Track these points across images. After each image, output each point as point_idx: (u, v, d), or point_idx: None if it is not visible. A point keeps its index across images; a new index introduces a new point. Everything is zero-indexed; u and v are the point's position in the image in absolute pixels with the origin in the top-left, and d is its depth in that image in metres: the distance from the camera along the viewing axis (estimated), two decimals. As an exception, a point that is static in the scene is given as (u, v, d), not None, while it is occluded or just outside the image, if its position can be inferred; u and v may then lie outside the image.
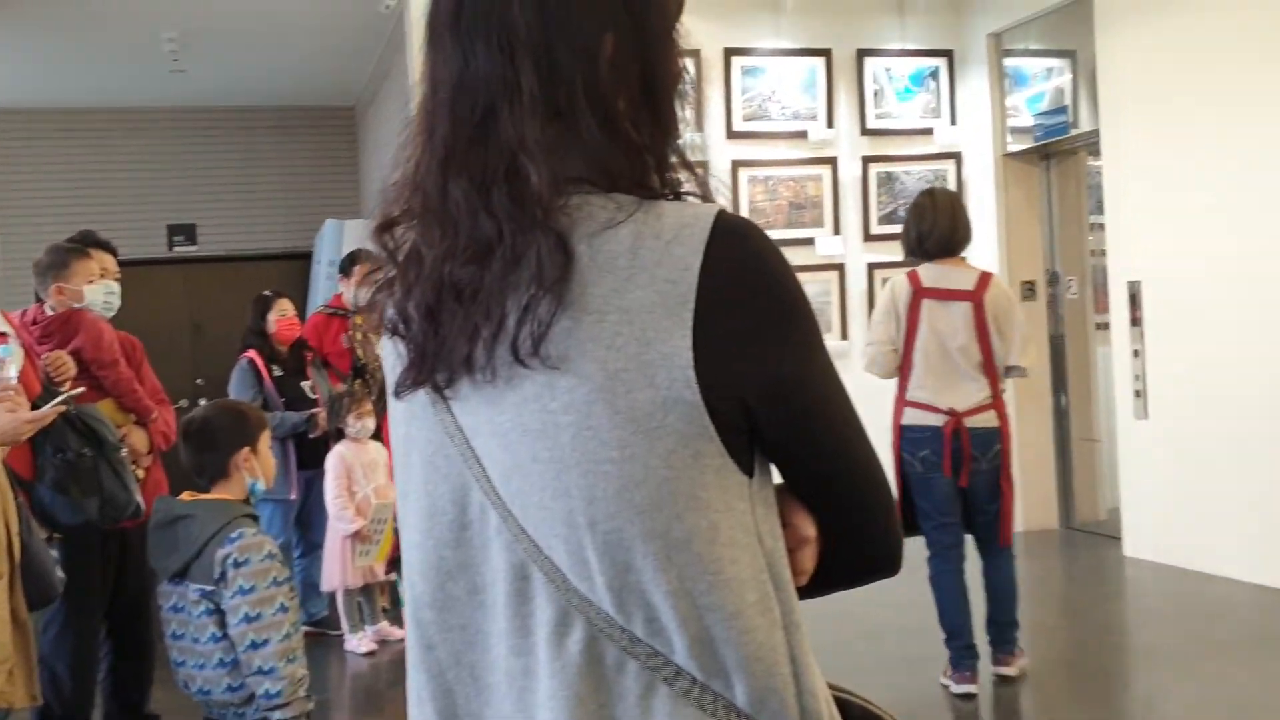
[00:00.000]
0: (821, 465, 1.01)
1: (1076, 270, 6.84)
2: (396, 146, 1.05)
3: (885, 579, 1.08)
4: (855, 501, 1.03)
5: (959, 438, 3.92)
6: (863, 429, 1.02)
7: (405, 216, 1.02)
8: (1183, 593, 5.30)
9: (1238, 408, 5.29)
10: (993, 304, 3.98)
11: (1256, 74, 5.10)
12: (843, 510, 1.03)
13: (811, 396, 0.99)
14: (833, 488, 1.02)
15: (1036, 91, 6.84)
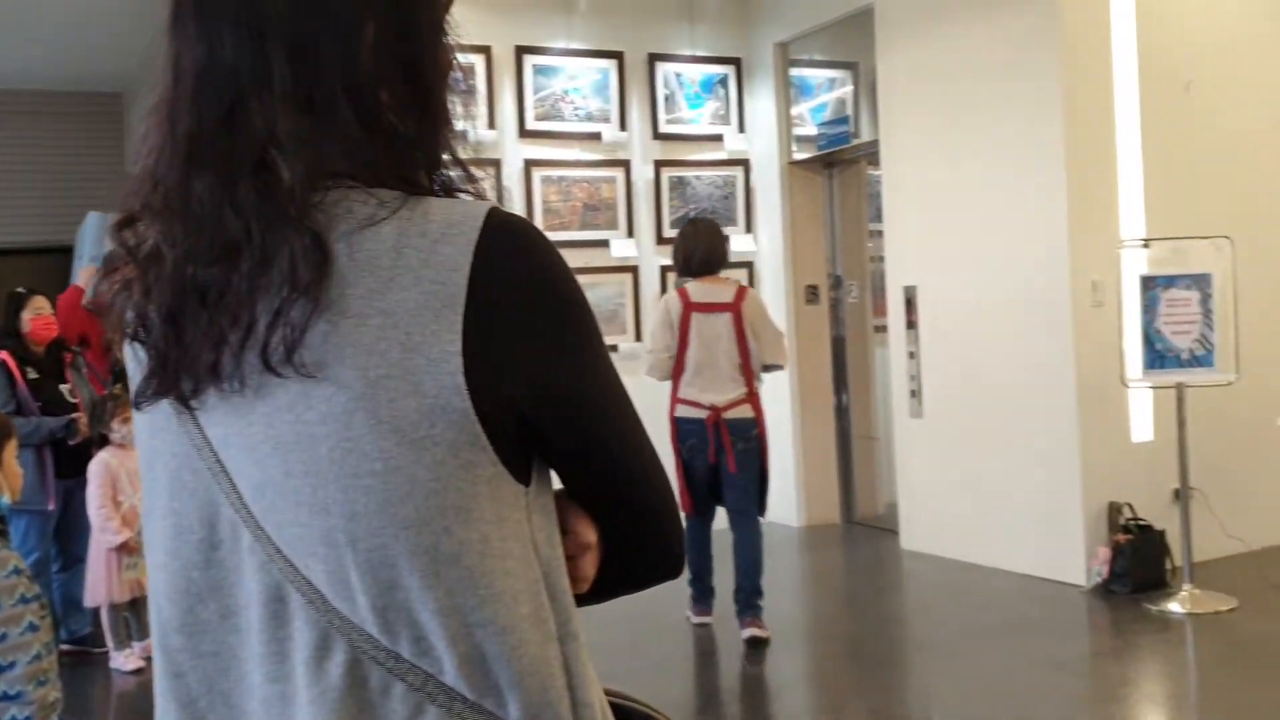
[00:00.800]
0: (602, 470, 0.98)
1: (857, 275, 7.10)
2: (138, 138, 0.96)
3: (669, 581, 1.07)
4: (638, 506, 1.01)
5: (719, 428, 4.62)
6: (644, 432, 1.00)
7: (145, 213, 0.94)
8: (955, 583, 5.57)
9: (1002, 406, 5.61)
10: (749, 313, 4.69)
11: (1020, 87, 5.41)
12: (625, 515, 1.00)
13: (591, 400, 0.96)
14: (614, 493, 0.99)
15: (820, 102, 7.06)
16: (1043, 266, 5.34)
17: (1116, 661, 4.32)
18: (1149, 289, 4.95)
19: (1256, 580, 5.08)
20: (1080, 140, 5.24)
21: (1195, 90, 5.54)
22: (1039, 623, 4.80)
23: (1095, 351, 5.22)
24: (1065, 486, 5.30)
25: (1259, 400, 5.44)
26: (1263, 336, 5.47)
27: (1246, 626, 4.55)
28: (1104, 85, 5.33)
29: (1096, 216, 5.29)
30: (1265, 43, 5.78)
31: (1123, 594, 5.02)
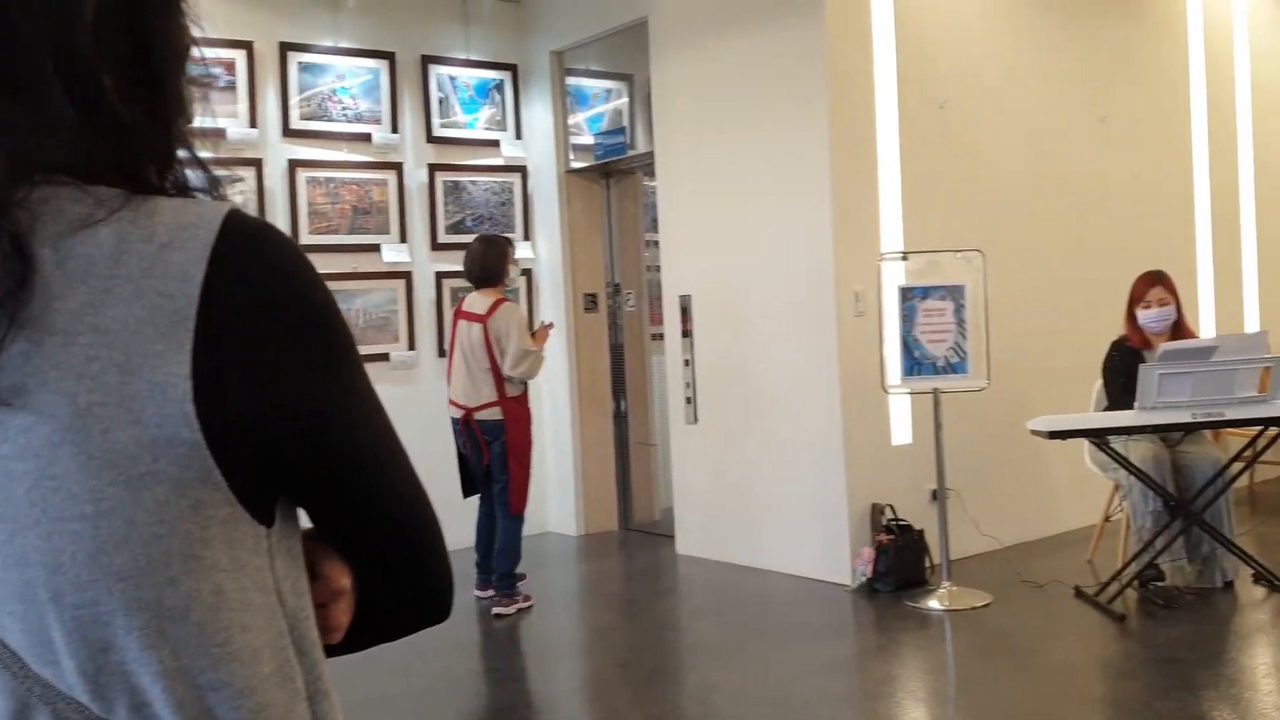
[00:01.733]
0: (359, 508, 0.87)
1: (635, 284, 7.15)
2: None
3: (436, 625, 0.98)
4: (400, 546, 0.90)
5: (470, 427, 5.27)
6: (406, 460, 0.90)
7: None
8: (729, 586, 5.66)
9: (772, 412, 5.75)
10: (494, 325, 5.21)
11: (790, 103, 5.56)
12: (386, 557, 0.90)
13: (345, 429, 0.85)
14: (373, 532, 0.89)
15: (597, 112, 7.07)
16: (809, 277, 5.50)
17: (882, 659, 4.47)
18: (907, 299, 5.16)
19: (1008, 576, 5.37)
20: (844, 156, 5.43)
21: (950, 110, 5.83)
22: (809, 623, 4.93)
23: (858, 359, 5.41)
24: (831, 489, 5.47)
25: (1009, 405, 5.77)
26: (1012, 344, 5.80)
27: (999, 621, 4.80)
28: (866, 104, 5.54)
29: (859, 230, 5.49)
30: (1015, 66, 6.14)
31: (886, 592, 5.22)
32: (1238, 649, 4.32)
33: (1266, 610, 4.74)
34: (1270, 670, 4.05)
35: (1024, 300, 6.03)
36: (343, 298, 6.33)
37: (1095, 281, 6.27)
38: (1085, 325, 6.03)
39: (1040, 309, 6.15)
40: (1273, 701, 3.70)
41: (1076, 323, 6.19)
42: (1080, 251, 6.39)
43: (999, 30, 6.10)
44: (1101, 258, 6.40)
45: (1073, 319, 6.22)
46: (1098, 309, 5.95)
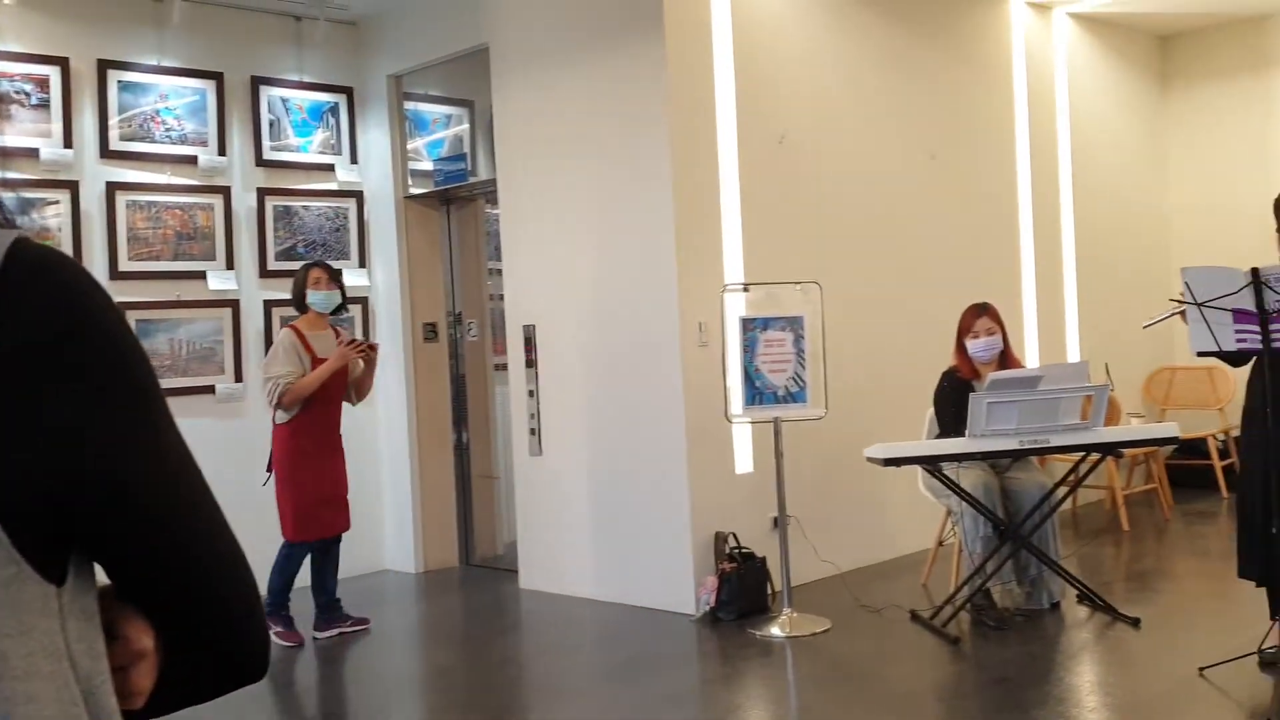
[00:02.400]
0: (161, 564, 0.79)
1: (477, 313, 7.03)
2: None
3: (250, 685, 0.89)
4: (204, 606, 0.82)
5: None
6: (212, 507, 0.81)
7: None
8: (574, 620, 5.59)
9: (617, 443, 5.72)
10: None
11: (632, 133, 5.57)
12: (192, 614, 0.81)
13: (144, 481, 0.76)
14: (177, 590, 0.80)
15: (437, 138, 6.96)
16: (654, 307, 5.50)
17: (725, 689, 4.46)
18: (748, 330, 5.21)
19: (847, 601, 5.45)
20: (687, 186, 5.46)
21: (789, 145, 5.94)
22: (653, 655, 4.89)
23: (702, 389, 5.43)
24: (676, 519, 5.46)
25: (846, 433, 5.87)
26: (849, 374, 5.93)
27: (839, 646, 4.85)
28: (708, 135, 5.59)
29: (702, 261, 5.52)
30: (850, 104, 6.30)
31: (729, 621, 5.22)
32: (1065, 668, 4.46)
33: (1090, 629, 4.93)
34: (1094, 687, 4.20)
35: (860, 331, 6.17)
36: (165, 327, 6.04)
37: (927, 313, 6.47)
38: (918, 355, 6.21)
39: (875, 340, 6.30)
40: (1097, 718, 3.83)
41: (909, 353, 6.36)
42: (912, 284, 6.58)
43: (834, 68, 6.26)
44: (932, 290, 6.61)
45: (906, 349, 6.40)
46: (929, 340, 6.13)
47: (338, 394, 5.41)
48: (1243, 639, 4.29)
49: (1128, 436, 5.29)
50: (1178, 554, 6.38)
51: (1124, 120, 8.41)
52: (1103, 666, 4.46)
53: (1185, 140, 8.68)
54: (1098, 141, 8.10)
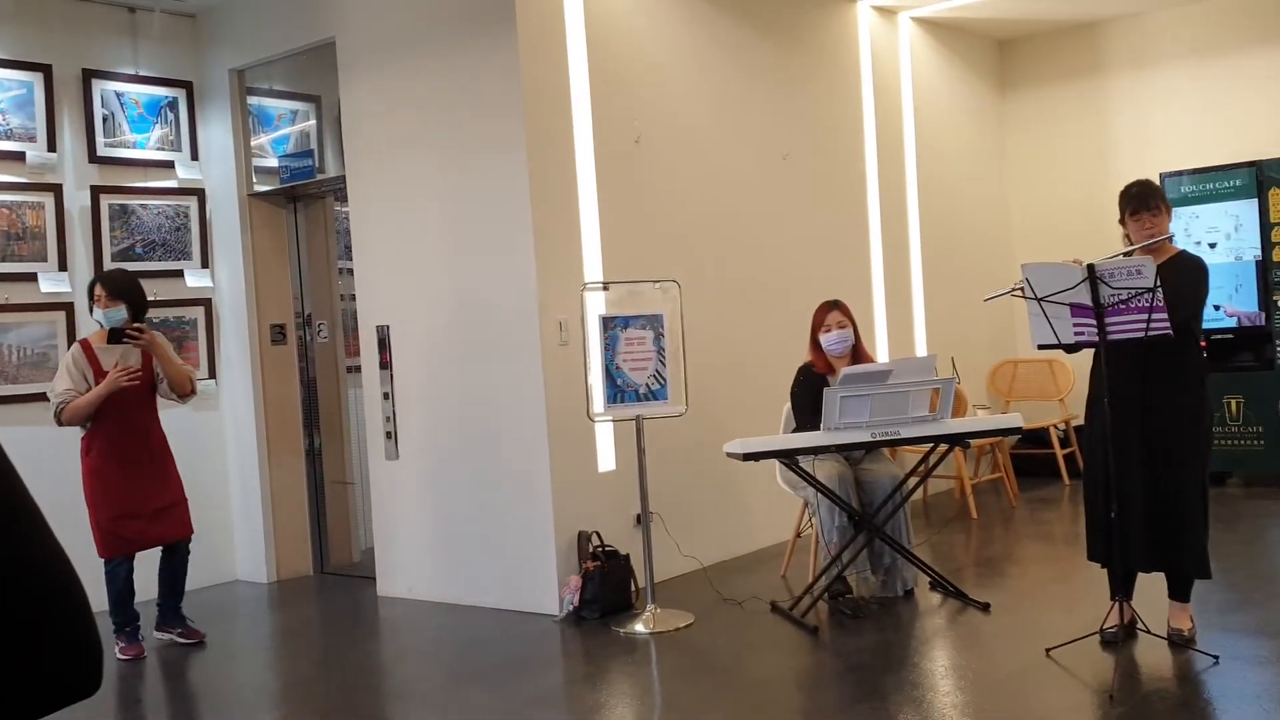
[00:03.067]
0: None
1: (327, 314, 6.85)
2: None
3: (82, 700, 0.82)
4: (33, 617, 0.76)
5: None
6: (35, 519, 0.74)
7: None
8: (435, 626, 5.48)
9: (477, 444, 5.64)
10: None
11: (487, 130, 5.49)
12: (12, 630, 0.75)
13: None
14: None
15: (283, 133, 6.75)
16: (513, 306, 5.44)
17: (590, 688, 4.44)
18: (609, 328, 5.20)
19: (709, 595, 5.49)
20: (544, 185, 5.42)
21: (645, 144, 5.95)
22: (516, 658, 4.83)
23: (563, 388, 5.39)
24: (538, 519, 5.42)
25: (707, 429, 5.92)
26: (708, 371, 5.98)
27: (702, 640, 4.88)
28: (564, 133, 5.56)
29: (561, 259, 5.49)
30: (704, 104, 6.35)
31: (593, 620, 5.20)
32: (919, 653, 4.58)
33: (943, 615, 5.07)
34: (948, 671, 4.32)
35: (718, 329, 6.23)
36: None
37: (782, 310, 6.57)
38: (774, 352, 6.30)
39: (733, 337, 6.37)
40: (950, 701, 3.94)
41: (766, 349, 6.45)
42: (768, 282, 6.67)
43: (688, 69, 6.30)
44: (787, 288, 6.71)
45: (763, 346, 6.49)
46: (785, 336, 6.23)
47: (136, 404, 5.17)
48: (1086, 619, 4.47)
49: (974, 427, 5.46)
50: (1024, 540, 6.62)
51: (966, 122, 8.70)
52: (955, 650, 4.59)
53: (1024, 141, 9.03)
54: (942, 142, 8.36)
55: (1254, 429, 7.48)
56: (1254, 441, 7.49)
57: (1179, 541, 4.21)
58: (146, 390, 5.22)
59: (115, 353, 5.16)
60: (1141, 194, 4.28)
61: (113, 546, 5.13)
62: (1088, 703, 3.84)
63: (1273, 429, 7.42)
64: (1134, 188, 4.33)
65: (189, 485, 5.46)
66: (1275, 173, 7.35)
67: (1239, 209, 7.45)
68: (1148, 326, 4.00)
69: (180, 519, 5.31)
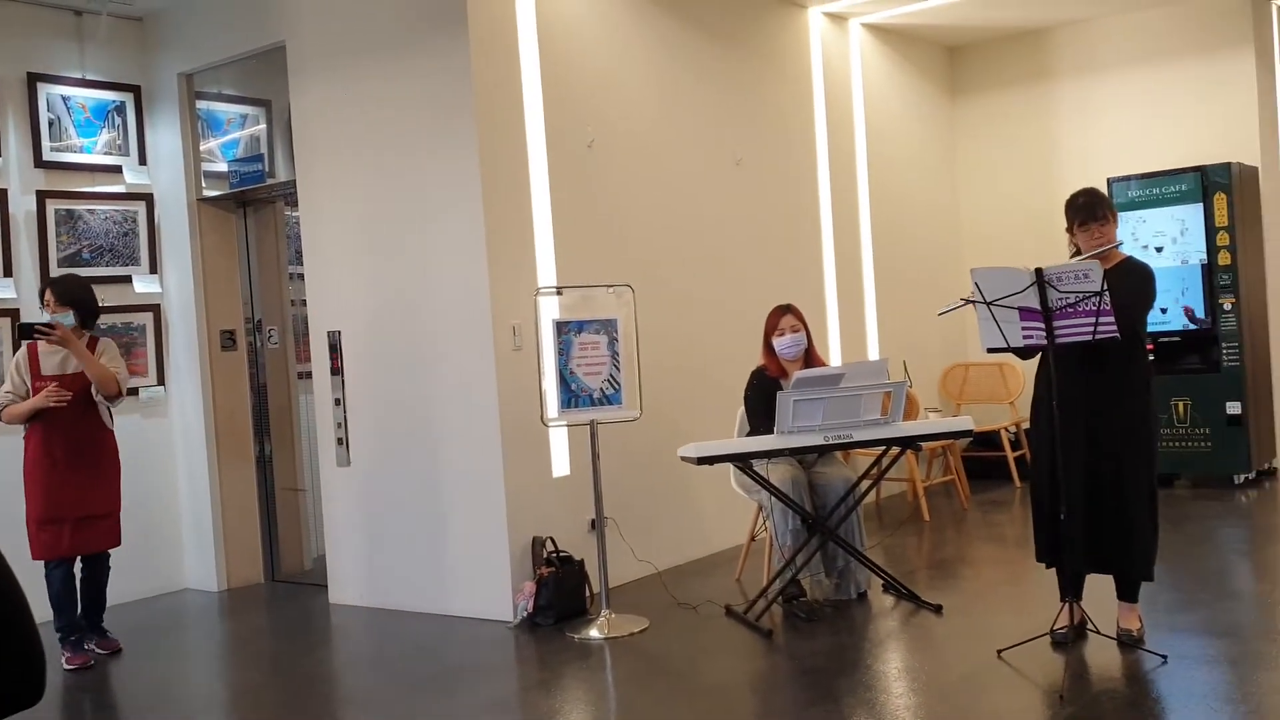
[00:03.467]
0: None
1: (278, 319, 6.78)
2: None
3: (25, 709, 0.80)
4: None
5: None
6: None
7: None
8: (387, 634, 5.44)
9: (430, 450, 5.60)
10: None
11: (439, 136, 5.46)
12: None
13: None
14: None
15: (232, 138, 6.68)
16: (466, 311, 5.42)
17: (544, 694, 4.42)
18: (563, 333, 5.18)
19: (664, 600, 5.48)
20: (497, 189, 5.40)
21: (598, 149, 5.95)
22: (470, 665, 4.80)
23: (517, 393, 5.37)
24: (492, 525, 5.39)
25: (661, 433, 5.92)
26: (662, 376, 5.98)
27: (657, 645, 4.88)
28: (517, 138, 5.54)
29: (514, 264, 5.47)
30: (657, 109, 6.36)
31: (547, 626, 5.19)
32: (872, 655, 4.60)
33: (896, 617, 5.10)
34: (901, 673, 4.34)
35: (672, 333, 6.23)
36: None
37: (736, 314, 6.59)
38: (728, 356, 6.32)
39: (687, 341, 6.38)
40: (903, 703, 3.96)
41: (720, 353, 6.47)
42: (722, 286, 6.69)
43: (641, 74, 6.30)
44: (741, 292, 6.74)
45: (716, 350, 6.50)
46: (739, 340, 6.24)
47: (74, 410, 5.10)
48: (1037, 621, 4.51)
49: (925, 430, 5.50)
50: (976, 542, 6.68)
51: (917, 127, 8.78)
52: (908, 652, 4.62)
53: (974, 147, 9.13)
54: (893, 147, 8.43)
55: (1201, 430, 7.60)
56: (1201, 443, 7.61)
57: (1126, 544, 4.27)
58: (86, 396, 5.14)
59: (58, 356, 5.09)
60: (1089, 204, 4.33)
61: (37, 549, 5.08)
62: (1038, 703, 3.87)
63: (1219, 431, 7.54)
64: (1081, 198, 4.38)
65: (138, 493, 5.41)
66: (1220, 178, 7.48)
67: (1185, 213, 7.57)
68: (1095, 330, 4.04)
69: (105, 531, 5.22)
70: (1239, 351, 7.48)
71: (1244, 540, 6.31)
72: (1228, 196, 7.45)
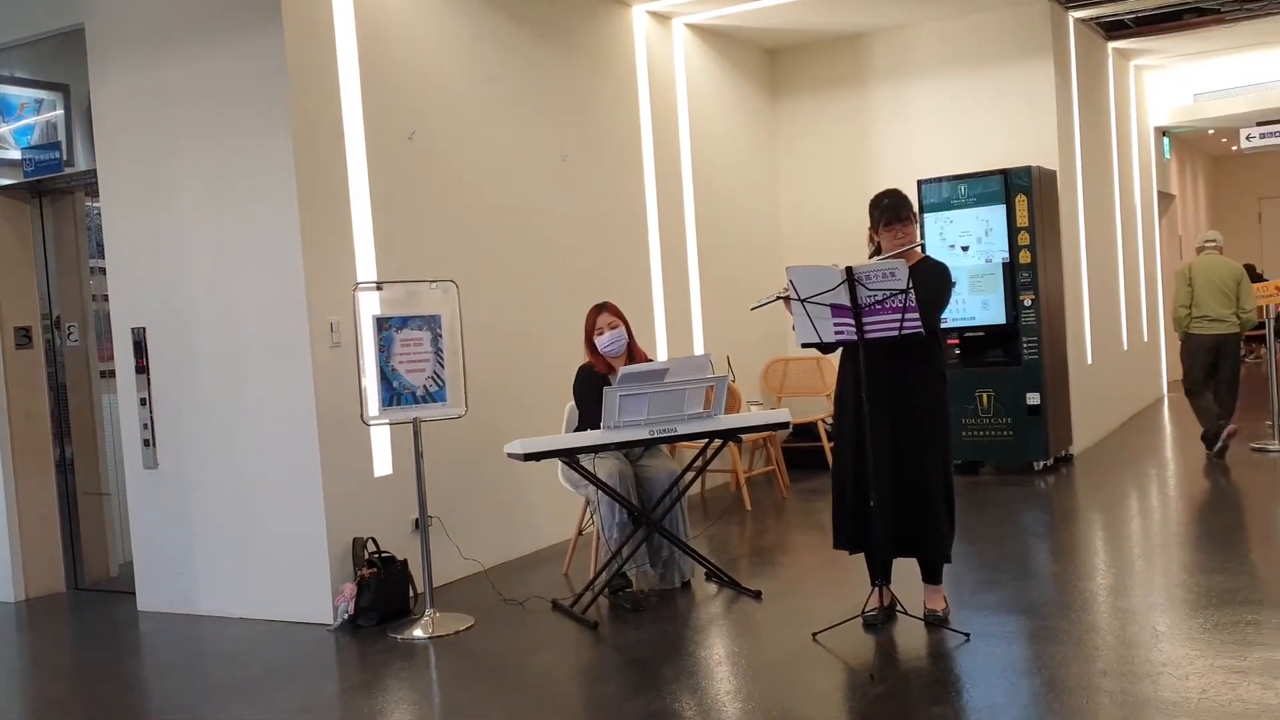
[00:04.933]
0: None
1: (78, 316, 6.44)
2: None
3: None
4: None
5: None
6: None
7: None
8: (201, 640, 5.25)
9: (244, 451, 5.42)
10: None
11: (251, 126, 5.29)
12: None
13: None
14: None
15: (26, 124, 6.31)
16: (281, 307, 5.26)
17: (366, 696, 4.33)
18: (384, 329, 5.09)
19: (491, 597, 5.45)
20: (313, 181, 5.26)
21: (420, 141, 5.86)
22: (288, 669, 4.67)
23: (336, 391, 5.25)
24: (311, 527, 5.25)
25: (488, 430, 5.88)
26: (488, 372, 5.94)
27: (483, 642, 4.84)
28: (334, 129, 5.41)
29: (332, 258, 5.34)
30: (481, 103, 6.30)
31: (370, 627, 5.09)
32: (695, 642, 4.68)
33: (718, 604, 5.20)
34: (723, 659, 4.43)
35: (498, 329, 6.20)
36: None
37: (564, 311, 6.60)
38: (556, 351, 6.33)
39: (514, 337, 6.35)
40: (724, 687, 4.05)
41: (548, 349, 6.47)
42: (549, 282, 6.69)
43: (465, 66, 6.24)
44: (569, 287, 6.75)
45: (544, 346, 6.50)
46: (567, 336, 6.25)
47: None
48: (850, 604, 4.67)
49: (746, 423, 5.63)
50: (795, 529, 6.87)
51: (740, 128, 8.96)
52: (729, 638, 4.72)
53: (794, 148, 9.38)
54: (716, 146, 8.58)
55: (1004, 420, 8.00)
56: (1004, 433, 8.01)
57: (927, 529, 4.46)
58: None
59: None
60: (894, 206, 4.51)
61: None
62: (850, 683, 4.01)
63: (1020, 420, 7.95)
64: (886, 199, 4.55)
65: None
66: (1021, 180, 7.88)
67: (989, 214, 7.96)
68: (901, 325, 4.21)
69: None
70: (1038, 345, 7.91)
71: (1043, 523, 6.68)
72: (1028, 198, 7.86)
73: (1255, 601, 4.56)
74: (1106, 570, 5.40)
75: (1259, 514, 6.60)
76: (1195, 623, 4.35)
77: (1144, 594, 4.87)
